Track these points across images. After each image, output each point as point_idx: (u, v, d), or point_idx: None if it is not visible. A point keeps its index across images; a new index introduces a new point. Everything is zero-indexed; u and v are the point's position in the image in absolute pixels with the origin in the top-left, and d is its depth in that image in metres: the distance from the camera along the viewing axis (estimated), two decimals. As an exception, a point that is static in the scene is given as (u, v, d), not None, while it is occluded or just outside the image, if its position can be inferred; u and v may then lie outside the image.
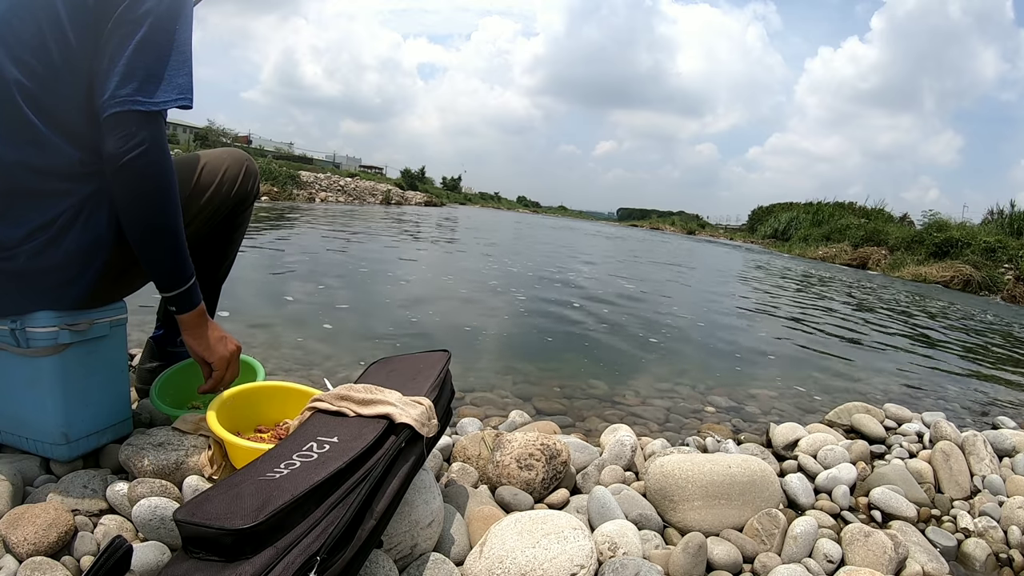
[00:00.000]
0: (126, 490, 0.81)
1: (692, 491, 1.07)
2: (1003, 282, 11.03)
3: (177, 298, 0.88)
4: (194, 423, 0.95)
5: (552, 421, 1.55)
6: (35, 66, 0.75)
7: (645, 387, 2.09)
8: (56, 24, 0.75)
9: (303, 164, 25.83)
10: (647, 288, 5.13)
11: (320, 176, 19.18)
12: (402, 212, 15.46)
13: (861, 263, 14.90)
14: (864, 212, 21.76)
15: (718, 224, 40.02)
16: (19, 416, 0.85)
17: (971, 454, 1.45)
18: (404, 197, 23.36)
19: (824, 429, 1.58)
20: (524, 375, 2.05)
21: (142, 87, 0.76)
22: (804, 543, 1.02)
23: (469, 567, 0.81)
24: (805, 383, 2.43)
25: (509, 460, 1.09)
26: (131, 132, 0.76)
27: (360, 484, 0.67)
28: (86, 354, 0.85)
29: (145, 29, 0.77)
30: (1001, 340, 4.87)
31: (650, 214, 60.28)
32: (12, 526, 0.71)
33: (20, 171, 0.77)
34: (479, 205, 44.26)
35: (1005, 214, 15.49)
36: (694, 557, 0.91)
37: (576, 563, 0.79)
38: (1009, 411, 2.34)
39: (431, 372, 0.97)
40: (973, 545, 1.16)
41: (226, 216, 1.07)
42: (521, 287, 4.18)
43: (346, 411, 0.82)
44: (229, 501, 0.59)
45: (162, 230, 0.82)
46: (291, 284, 3.27)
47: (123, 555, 0.64)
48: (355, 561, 0.63)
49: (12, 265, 0.78)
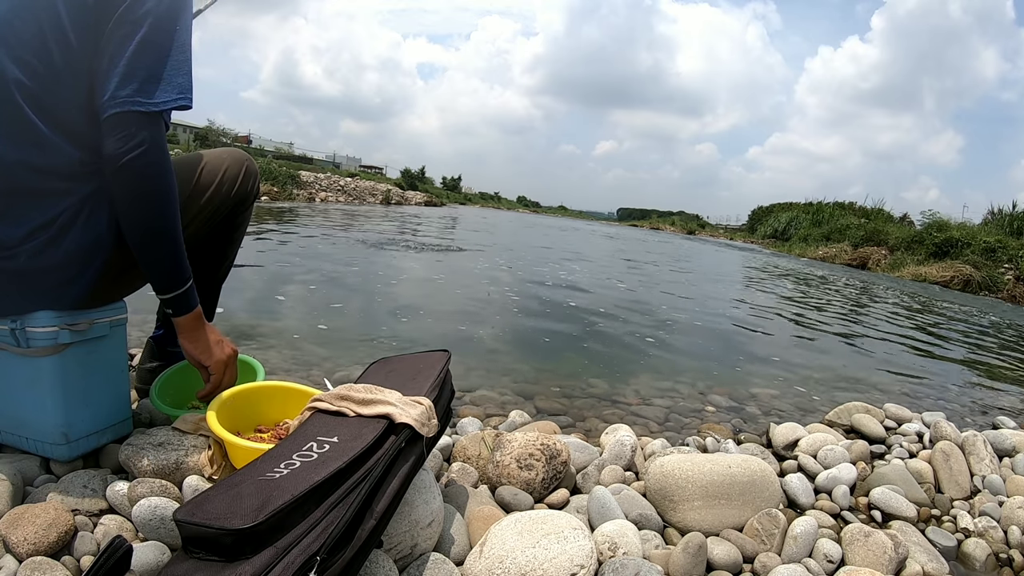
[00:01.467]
0: (126, 490, 0.81)
1: (692, 491, 1.07)
2: (1003, 282, 11.03)
3: (174, 300, 0.87)
4: (194, 423, 0.95)
5: (552, 421, 1.55)
6: (36, 66, 0.75)
7: (645, 387, 2.09)
8: (57, 24, 0.75)
9: (303, 164, 25.83)
10: (647, 288, 5.13)
11: (320, 176, 19.18)
12: (402, 212, 15.45)
13: (861, 263, 14.90)
14: (864, 212, 21.77)
15: (718, 224, 40.03)
16: (19, 416, 0.85)
17: (971, 454, 1.45)
18: (404, 197, 23.36)
19: (824, 429, 1.58)
20: (524, 375, 2.05)
21: (142, 88, 0.76)
22: (804, 543, 1.02)
23: (469, 567, 0.81)
24: (805, 383, 2.43)
25: (509, 460, 1.09)
26: (131, 133, 0.76)
27: (360, 484, 0.67)
28: (86, 354, 0.85)
29: (145, 29, 0.77)
30: (1001, 340, 4.87)
31: (650, 214, 60.30)
32: (12, 526, 0.71)
33: (20, 170, 0.77)
34: (479, 205, 44.26)
35: (1005, 214, 15.48)
36: (694, 557, 0.91)
37: (576, 563, 0.79)
38: (1009, 411, 2.34)
39: (431, 372, 0.97)
40: (973, 545, 1.16)
41: (226, 216, 1.07)
42: (521, 287, 4.18)
43: (346, 411, 0.82)
44: (229, 501, 0.59)
45: (160, 231, 0.82)
46: (290, 283, 3.27)
47: (123, 555, 0.64)
48: (355, 561, 0.63)
49: (12, 265, 0.78)
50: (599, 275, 5.79)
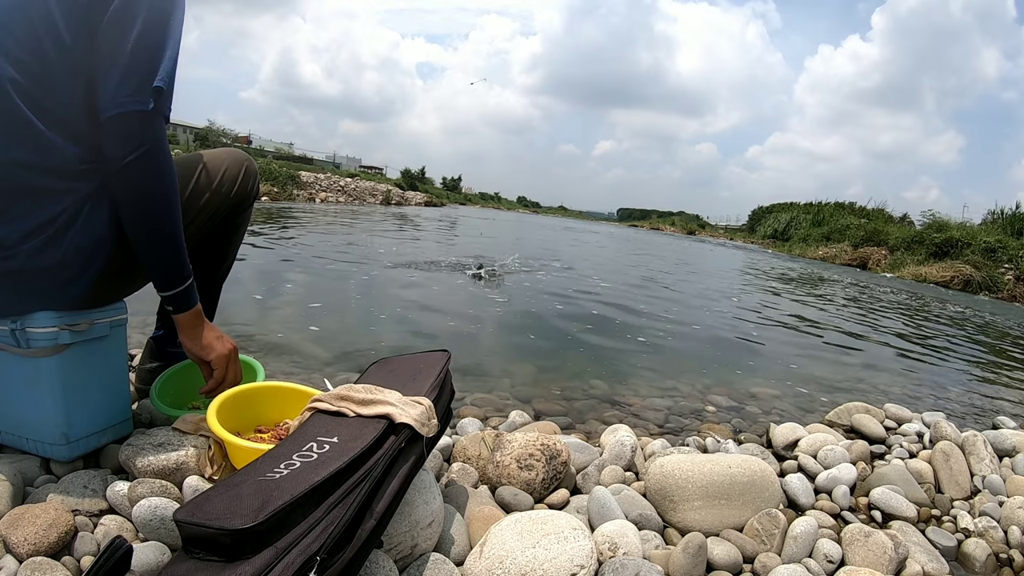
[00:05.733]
0: (126, 490, 0.81)
1: (692, 491, 1.07)
2: (1003, 282, 11.02)
3: (174, 298, 0.88)
4: (194, 423, 0.95)
5: (552, 421, 1.55)
6: (31, 64, 0.75)
7: (645, 387, 2.09)
8: (50, 22, 0.74)
9: (303, 164, 25.83)
10: (647, 288, 5.13)
11: (320, 176, 19.18)
12: (402, 212, 15.45)
13: (861, 263, 14.89)
14: (864, 212, 21.76)
15: (718, 224, 40.03)
16: (19, 416, 0.85)
17: (971, 454, 1.45)
18: (404, 197, 23.35)
19: (824, 429, 1.58)
20: (524, 375, 2.05)
21: (140, 87, 0.77)
22: (804, 543, 1.02)
23: (469, 567, 0.81)
24: (805, 383, 2.43)
25: (509, 460, 1.09)
26: (132, 133, 0.77)
27: (360, 484, 0.67)
28: (86, 354, 0.85)
29: (140, 27, 0.77)
30: (1001, 340, 4.87)
31: (650, 214, 60.28)
32: (12, 526, 0.71)
33: (19, 169, 0.77)
34: (479, 205, 44.23)
35: (1007, 214, 15.46)
36: (694, 557, 0.91)
37: (576, 563, 0.79)
38: (1009, 411, 2.34)
39: (431, 372, 0.97)
40: (973, 545, 1.16)
41: (226, 216, 1.07)
42: (520, 286, 4.18)
43: (346, 411, 0.82)
44: (229, 501, 0.59)
45: (162, 230, 0.83)
46: (287, 283, 3.27)
47: (123, 555, 0.64)
48: (355, 561, 0.63)
49: (12, 265, 0.78)
50: (600, 275, 5.79)
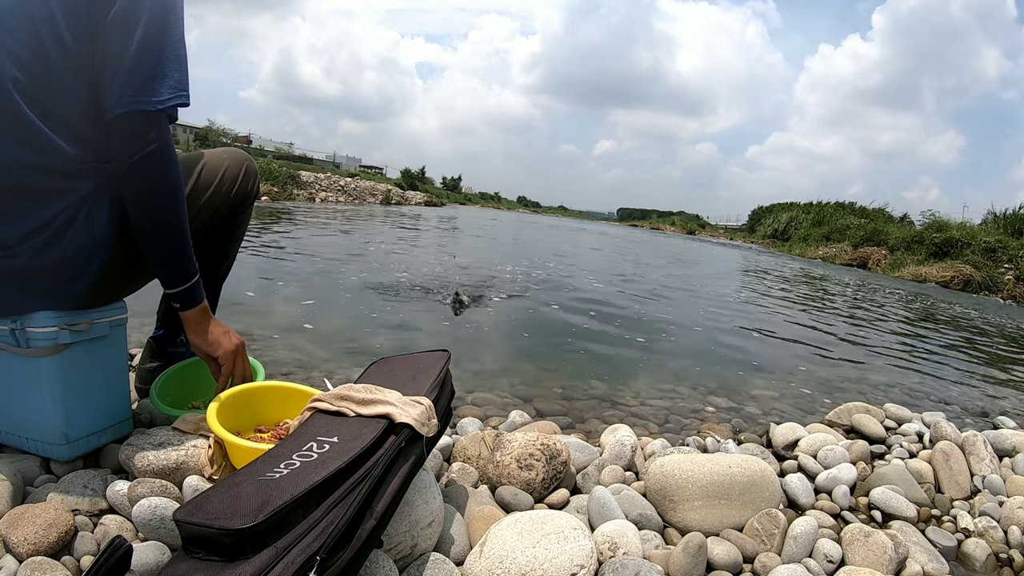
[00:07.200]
0: (126, 490, 0.81)
1: (692, 491, 1.07)
2: (1003, 282, 11.02)
3: (181, 295, 0.89)
4: (194, 423, 0.95)
5: (552, 421, 1.55)
6: (32, 64, 0.75)
7: (645, 387, 2.09)
8: (51, 22, 0.75)
9: (303, 164, 25.82)
10: (647, 289, 5.13)
11: (320, 176, 19.17)
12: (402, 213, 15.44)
13: (861, 263, 14.89)
14: (864, 212, 21.76)
15: (718, 224, 40.04)
16: (19, 416, 0.85)
17: (971, 454, 1.45)
18: (404, 197, 23.35)
19: (824, 429, 1.58)
20: (524, 375, 2.05)
21: (145, 87, 0.77)
22: (804, 543, 1.02)
23: (469, 567, 0.81)
24: (805, 383, 2.43)
25: (509, 460, 1.09)
26: (139, 132, 0.78)
27: (360, 484, 0.67)
28: (86, 354, 0.85)
29: (143, 27, 0.77)
30: (1001, 340, 4.87)
31: (650, 214, 60.28)
32: (12, 526, 0.71)
33: (19, 169, 0.77)
34: (479, 205, 44.23)
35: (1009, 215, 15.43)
36: (694, 557, 0.91)
37: (576, 563, 0.79)
38: (1009, 411, 2.34)
39: (431, 372, 0.97)
40: (973, 545, 1.16)
41: (226, 216, 1.07)
42: (520, 287, 4.18)
43: (346, 411, 0.82)
44: (229, 501, 0.59)
45: (169, 227, 0.83)
46: (286, 283, 3.27)
47: (123, 555, 0.64)
48: (355, 561, 0.63)
49: (12, 264, 0.78)
50: (599, 275, 5.79)
